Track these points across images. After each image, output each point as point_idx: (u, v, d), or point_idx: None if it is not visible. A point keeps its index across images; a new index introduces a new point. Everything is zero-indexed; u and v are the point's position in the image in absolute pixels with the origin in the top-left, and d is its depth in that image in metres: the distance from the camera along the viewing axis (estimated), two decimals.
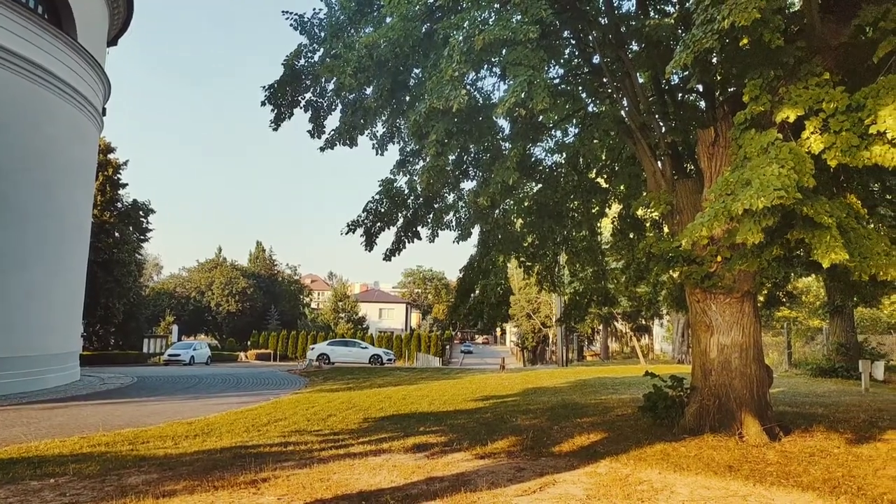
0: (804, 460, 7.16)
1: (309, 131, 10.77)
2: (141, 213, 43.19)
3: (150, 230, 44.91)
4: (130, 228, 42.52)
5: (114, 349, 40.01)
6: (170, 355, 38.94)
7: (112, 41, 23.99)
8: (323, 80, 10.16)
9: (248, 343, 56.41)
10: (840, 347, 20.40)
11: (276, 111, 10.58)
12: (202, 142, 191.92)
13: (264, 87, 10.43)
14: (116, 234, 40.28)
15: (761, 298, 13.05)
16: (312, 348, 38.74)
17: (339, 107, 10.64)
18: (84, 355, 26.94)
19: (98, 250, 35.92)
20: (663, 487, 6.13)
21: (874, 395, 13.78)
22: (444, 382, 21.45)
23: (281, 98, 10.50)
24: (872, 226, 10.43)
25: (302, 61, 10.33)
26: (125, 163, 41.73)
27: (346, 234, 11.56)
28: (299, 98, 10.52)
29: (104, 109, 22.63)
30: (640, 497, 5.81)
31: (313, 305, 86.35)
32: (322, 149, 10.40)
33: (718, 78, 8.94)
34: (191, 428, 10.40)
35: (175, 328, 55.77)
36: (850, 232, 6.55)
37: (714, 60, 8.06)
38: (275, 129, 10.79)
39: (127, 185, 41.95)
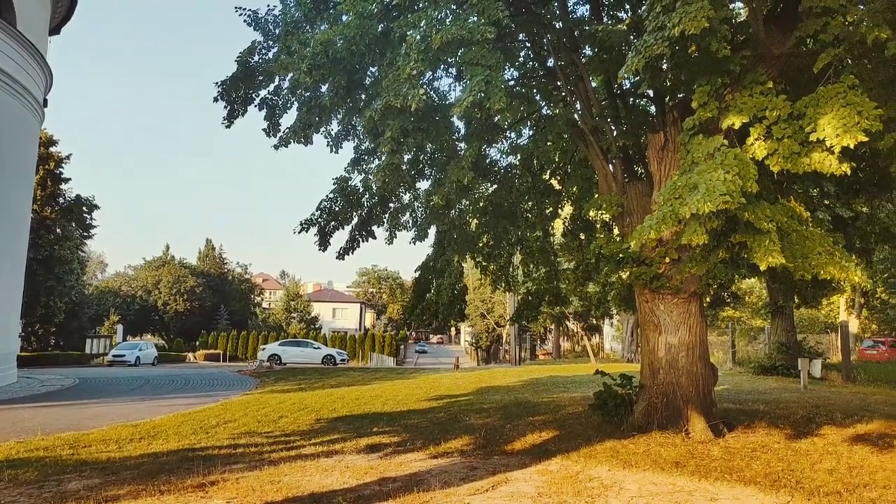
0: (747, 455, 7.41)
1: (264, 129, 10.60)
2: (84, 208, 41.71)
3: (94, 226, 43.47)
4: (73, 224, 41.02)
5: (54, 350, 38.53)
6: (114, 356, 37.70)
7: (55, 30, 23.04)
8: (278, 77, 10.01)
9: (197, 343, 55.07)
10: (781, 346, 21.16)
11: (229, 108, 10.37)
12: (151, 136, 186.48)
13: (217, 83, 10.21)
14: (58, 230, 38.78)
15: (707, 299, 13.43)
16: (263, 349, 38.11)
17: (295, 104, 10.50)
18: (22, 356, 25.85)
19: (38, 247, 34.54)
20: (612, 484, 6.25)
21: (812, 392, 14.36)
22: (398, 382, 21.39)
23: (234, 95, 10.30)
24: (813, 228, 10.88)
25: (256, 58, 10.15)
26: (68, 156, 40.23)
27: (300, 232, 11.40)
28: (253, 95, 10.34)
29: (45, 101, 21.73)
30: (590, 494, 5.91)
31: (265, 305, 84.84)
32: (276, 147, 10.24)
33: (668, 84, 9.17)
34: (136, 431, 10.10)
35: (120, 328, 54.01)
36: (793, 234, 6.81)
37: (664, 67, 8.27)
38: (227, 127, 10.58)
39: (70, 179, 40.48)
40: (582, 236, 13.76)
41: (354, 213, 11.69)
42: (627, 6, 10.97)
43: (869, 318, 40.14)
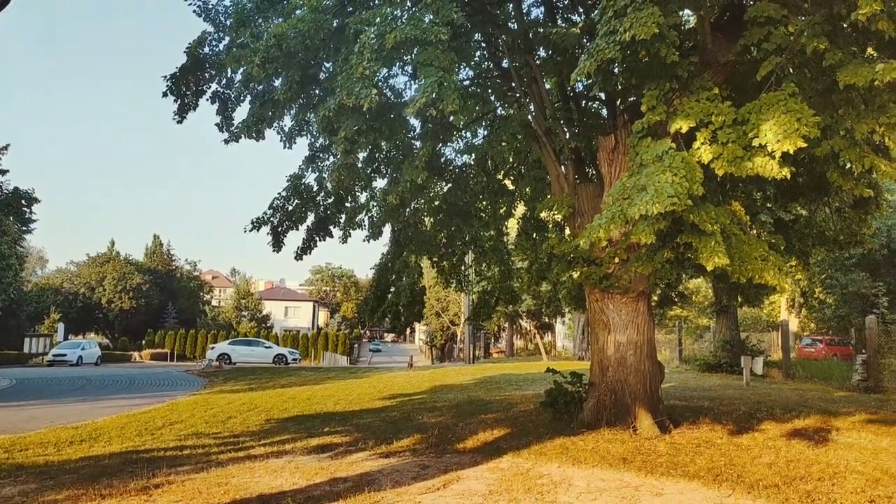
0: (691, 451, 7.62)
1: (217, 124, 10.36)
2: (23, 202, 39.83)
3: (34, 221, 41.59)
4: (11, 219, 39.19)
5: None
6: (55, 355, 36.33)
7: None
8: (229, 70, 9.79)
9: (143, 342, 53.49)
10: (725, 344, 21.84)
11: (179, 102, 10.10)
12: (97, 128, 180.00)
13: (166, 76, 9.92)
14: None
15: (655, 298, 13.78)
16: (213, 348, 37.33)
17: (247, 98, 10.29)
18: None
19: None
20: (562, 480, 6.35)
21: (754, 389, 14.88)
22: (351, 382, 21.24)
23: (184, 88, 10.03)
24: (755, 231, 11.27)
25: (206, 50, 9.91)
26: (5, 147, 38.42)
27: (251, 231, 11.17)
28: (204, 88, 10.09)
29: None
30: (540, 490, 5.99)
31: (214, 303, 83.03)
32: (227, 141, 10.03)
33: (619, 88, 9.35)
34: (76, 433, 9.75)
35: (61, 326, 51.97)
36: (732, 237, 7.04)
37: (616, 71, 8.43)
38: (179, 122, 10.29)
39: (7, 171, 38.67)
40: (535, 236, 13.92)
41: (309, 212, 11.53)
42: (581, 10, 11.15)
43: (808, 318, 41.79)
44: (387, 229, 12.76)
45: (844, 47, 6.88)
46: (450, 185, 13.44)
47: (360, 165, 10.25)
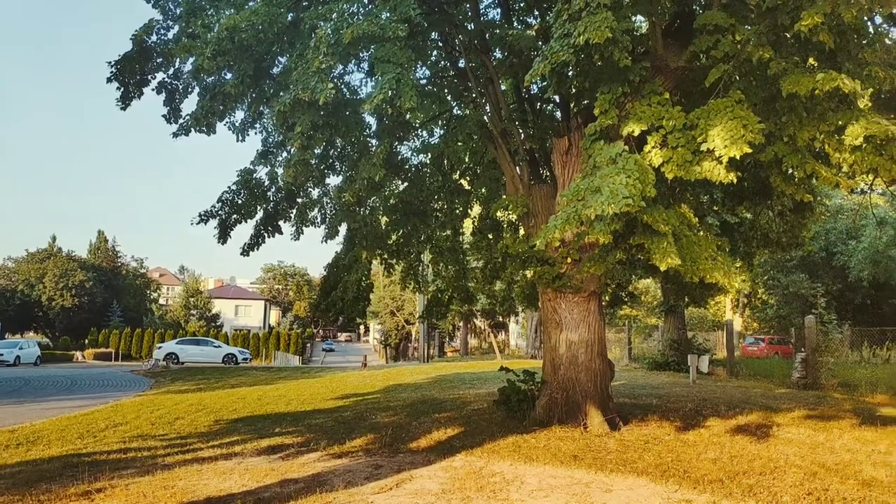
0: (640, 448, 7.79)
1: (164, 115, 10.05)
2: None
3: None
4: None
5: None
6: None
7: None
8: (178, 60, 9.52)
9: (86, 342, 51.62)
10: (673, 343, 22.41)
11: (123, 90, 9.76)
12: (38, 117, 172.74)
13: (110, 62, 9.59)
14: None
15: (606, 298, 14.03)
16: (160, 347, 36.34)
17: (197, 90, 10.02)
18: None
19: None
20: (514, 478, 6.40)
21: (700, 387, 15.31)
22: (303, 381, 20.98)
23: (129, 76, 9.70)
24: (702, 233, 11.60)
25: (154, 38, 9.60)
26: None
27: (198, 224, 10.89)
28: (150, 77, 9.78)
29: None
30: (493, 488, 6.03)
31: (162, 301, 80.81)
32: (176, 134, 9.74)
33: (573, 90, 9.48)
34: (13, 436, 9.34)
35: None
36: (683, 238, 7.22)
37: (570, 73, 8.55)
38: (123, 109, 9.96)
39: None
40: (490, 236, 14.00)
41: (259, 207, 11.31)
42: (537, 13, 11.26)
43: (751, 317, 43.30)
44: (343, 228, 12.64)
45: (788, 57, 7.14)
46: (406, 184, 13.40)
47: (313, 161, 10.11)
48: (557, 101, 11.09)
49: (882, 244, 25.99)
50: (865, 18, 7.62)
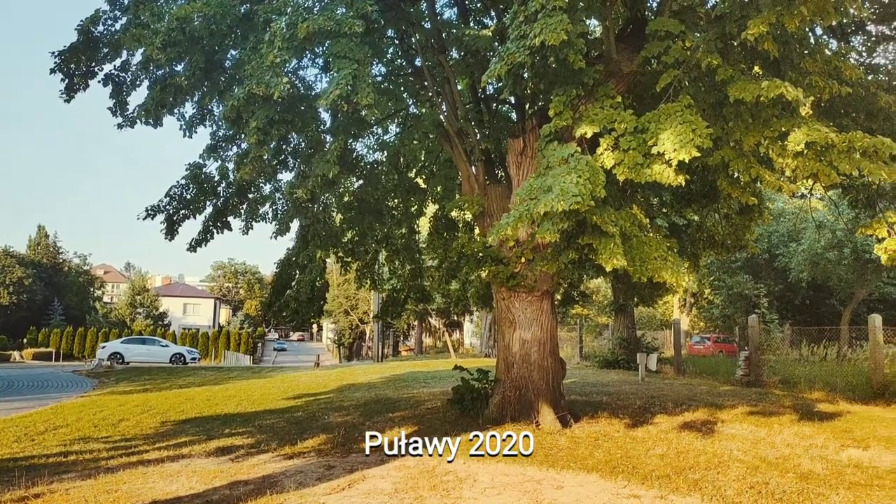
0: (590, 444, 7.93)
1: (109, 108, 9.72)
2: None
3: None
4: None
5: None
6: None
7: None
8: (126, 51, 9.20)
9: (25, 341, 49.48)
10: (622, 341, 22.86)
11: (67, 81, 9.39)
12: None
13: (53, 52, 9.21)
14: None
15: (558, 297, 14.22)
16: (103, 347, 35.09)
17: (145, 82, 9.71)
18: None
19: None
20: (467, 476, 6.42)
21: (648, 384, 15.67)
22: (253, 381, 20.62)
23: (74, 67, 9.34)
24: (652, 234, 11.87)
25: (101, 28, 9.27)
26: None
27: (144, 219, 10.54)
28: (96, 69, 9.44)
29: None
30: (446, 487, 6.04)
31: (106, 299, 78.12)
32: (121, 126, 9.43)
33: (528, 92, 9.58)
34: None
35: None
36: (633, 239, 7.37)
37: (525, 75, 8.62)
38: (66, 101, 9.58)
39: None
40: (445, 235, 14.01)
41: (208, 203, 11.04)
42: (493, 13, 11.32)
43: (697, 317, 44.56)
44: (294, 224, 12.47)
45: (735, 64, 7.37)
46: (361, 181, 13.30)
47: (266, 157, 9.94)
48: (513, 102, 11.18)
49: (820, 247, 27.10)
50: (807, 29, 7.94)
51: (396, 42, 11.31)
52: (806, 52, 7.84)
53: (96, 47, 9.28)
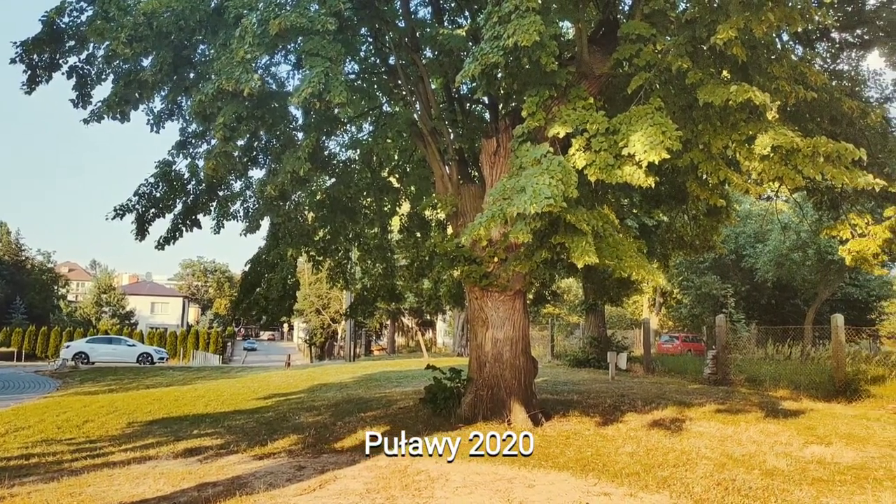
0: (561, 443, 7.99)
1: (72, 100, 9.48)
2: None
3: None
4: None
5: None
6: None
7: None
8: (91, 44, 8.99)
9: None
10: (593, 340, 23.11)
11: (30, 73, 9.14)
12: None
13: (15, 43, 8.96)
14: None
15: (530, 296, 14.32)
16: (68, 346, 34.32)
17: (111, 76, 9.49)
18: None
19: None
20: (439, 476, 6.42)
21: (618, 383, 15.84)
22: (223, 381, 20.35)
23: (37, 59, 9.10)
24: (622, 235, 12.02)
25: (66, 19, 9.04)
26: None
27: (113, 219, 10.33)
28: (60, 61, 9.20)
29: None
30: (417, 487, 6.03)
31: (71, 298, 76.32)
32: (86, 121, 9.21)
33: (502, 92, 9.61)
34: None
35: None
36: (608, 238, 7.45)
37: (499, 75, 8.65)
38: (28, 93, 9.31)
39: None
40: (418, 234, 13.99)
41: (178, 200, 10.85)
42: (467, 13, 11.34)
43: (666, 316, 45.26)
44: (265, 223, 12.33)
45: (704, 68, 7.49)
46: (333, 179, 13.21)
47: (236, 153, 9.80)
48: (487, 102, 11.21)
49: (785, 248, 27.73)
50: (774, 35, 8.11)
51: (370, 40, 11.25)
52: (773, 57, 7.99)
53: (60, 39, 9.05)
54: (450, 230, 11.76)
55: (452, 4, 11.90)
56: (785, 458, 7.29)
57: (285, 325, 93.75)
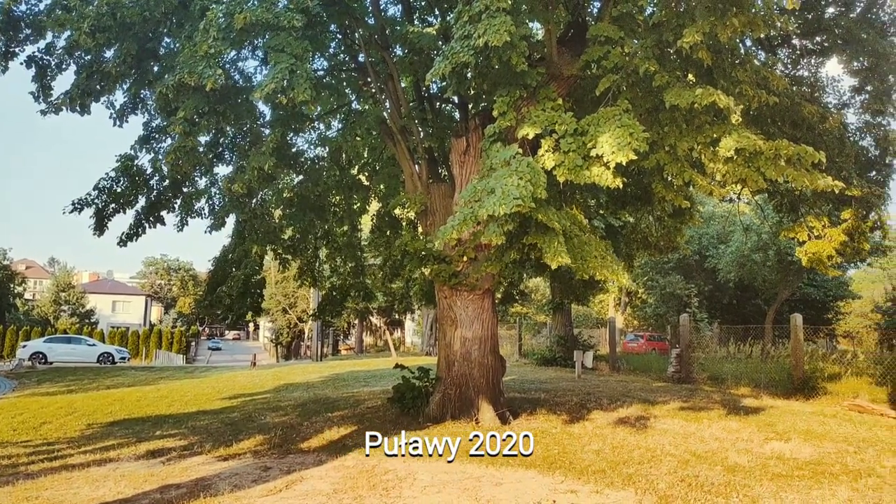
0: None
1: (32, 93, 9.19)
2: None
3: None
4: None
5: None
6: None
7: None
8: (51, 33, 8.72)
9: None
10: (560, 339, 23.30)
11: None
12: None
13: None
14: None
15: (499, 296, 14.37)
16: (24, 346, 33.30)
17: (72, 67, 9.22)
18: None
19: None
20: (407, 475, 6.41)
21: (585, 381, 16.00)
22: (186, 381, 19.99)
23: None
24: (589, 235, 12.16)
25: (23, 7, 8.76)
26: None
27: (71, 213, 10.03)
28: (17, 50, 8.91)
29: None
30: (385, 486, 6.00)
31: (28, 296, 74.14)
32: (45, 113, 8.94)
33: (472, 92, 9.63)
34: None
35: None
36: (574, 238, 7.52)
37: (469, 75, 8.67)
38: None
39: None
40: (388, 233, 13.93)
41: (140, 196, 10.59)
42: (437, 12, 11.32)
43: (632, 315, 45.94)
44: (231, 220, 12.13)
45: (671, 71, 7.61)
46: (301, 177, 13.07)
47: (201, 149, 9.61)
48: (457, 101, 11.22)
49: (747, 249, 28.38)
50: (738, 40, 8.28)
51: (339, 37, 11.15)
52: (737, 61, 8.18)
53: (17, 28, 8.77)
54: (420, 229, 11.73)
55: (423, 3, 11.87)
56: (746, 454, 7.45)
57: (251, 325, 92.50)
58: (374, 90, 10.91)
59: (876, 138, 11.32)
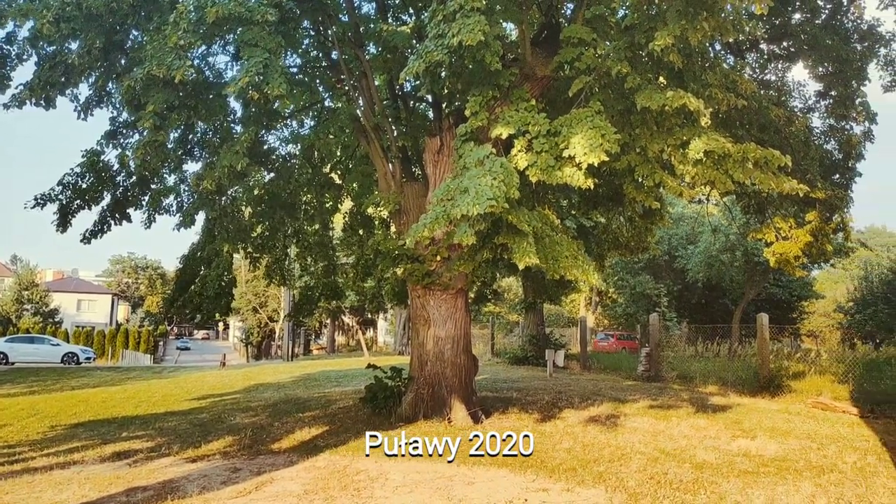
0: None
1: None
2: None
3: None
4: None
5: None
6: None
7: None
8: (12, 22, 8.42)
9: None
10: (532, 338, 23.43)
11: None
12: None
13: None
14: None
15: (472, 295, 14.38)
16: None
17: (34, 58, 8.94)
18: None
19: None
20: (379, 475, 6.37)
21: (556, 380, 16.11)
22: (154, 382, 19.64)
23: None
24: (561, 235, 12.25)
25: None
26: None
27: (33, 208, 9.73)
28: None
29: None
30: (357, 487, 5.96)
31: None
32: (6, 106, 8.67)
33: (446, 91, 9.62)
34: None
35: None
36: (546, 238, 7.56)
37: (443, 74, 8.66)
38: None
39: None
40: (361, 232, 13.85)
41: (106, 192, 10.34)
42: (412, 11, 11.29)
43: (602, 314, 46.43)
44: (200, 217, 11.93)
45: (642, 74, 7.70)
46: (273, 174, 12.92)
47: (170, 145, 9.43)
48: (430, 100, 11.20)
49: (715, 250, 28.89)
50: (708, 44, 8.41)
51: (312, 33, 11.04)
52: (707, 65, 8.31)
53: None
54: (393, 228, 11.69)
55: (397, 1, 11.83)
56: (714, 451, 7.57)
57: (220, 324, 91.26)
58: (347, 88, 10.83)
59: (839, 142, 11.63)
